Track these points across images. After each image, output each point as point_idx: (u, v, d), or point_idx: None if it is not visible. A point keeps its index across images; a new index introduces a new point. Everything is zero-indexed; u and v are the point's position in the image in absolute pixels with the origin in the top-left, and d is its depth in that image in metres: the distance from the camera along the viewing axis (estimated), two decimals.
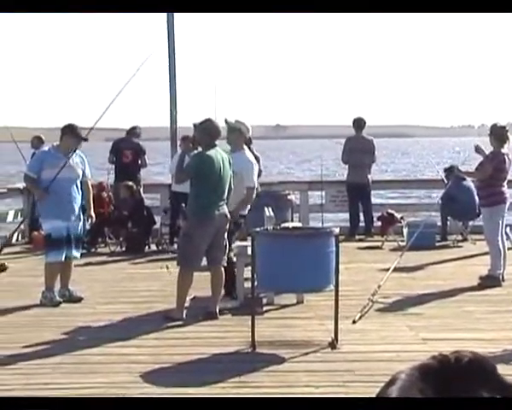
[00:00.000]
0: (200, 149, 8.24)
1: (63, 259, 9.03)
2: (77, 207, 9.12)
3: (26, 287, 9.66)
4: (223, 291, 8.44)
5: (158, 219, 13.54)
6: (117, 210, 13.20)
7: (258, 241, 7.06)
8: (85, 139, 9.27)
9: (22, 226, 14.76)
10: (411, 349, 6.86)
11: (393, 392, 1.77)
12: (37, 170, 9.02)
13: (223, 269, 8.35)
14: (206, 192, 7.96)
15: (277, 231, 7.51)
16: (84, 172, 9.25)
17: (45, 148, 9.19)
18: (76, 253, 9.20)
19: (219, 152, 8.17)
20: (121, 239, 13.08)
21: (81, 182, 9.22)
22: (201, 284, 8.75)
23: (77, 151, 9.23)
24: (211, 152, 8.05)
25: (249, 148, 9.61)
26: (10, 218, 14.16)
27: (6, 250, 12.28)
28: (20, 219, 14.32)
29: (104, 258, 12.38)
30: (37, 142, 14.13)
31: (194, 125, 8.40)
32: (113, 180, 13.57)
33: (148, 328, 7.80)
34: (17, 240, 14.35)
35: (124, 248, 12.87)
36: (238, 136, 8.83)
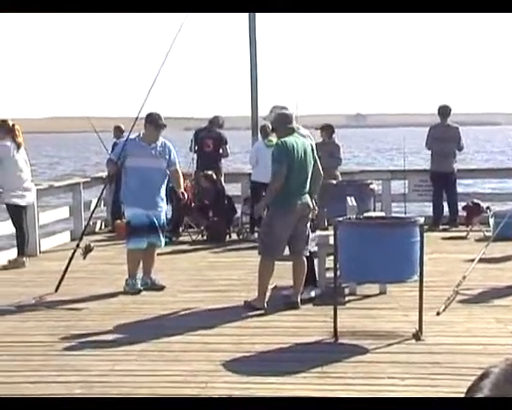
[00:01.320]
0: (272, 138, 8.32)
1: (144, 247, 9.11)
2: (160, 196, 9.15)
3: (110, 275, 9.79)
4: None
5: (239, 208, 13.57)
6: (198, 199, 13.27)
7: (341, 230, 6.97)
8: (163, 126, 9.21)
9: (105, 215, 15.00)
10: (499, 342, 6.67)
11: (486, 386, 1.70)
12: (119, 156, 9.12)
13: (305, 259, 8.27)
14: (287, 181, 7.90)
15: (360, 221, 7.40)
16: (170, 161, 9.23)
17: (132, 136, 9.23)
18: (158, 241, 9.25)
19: (298, 138, 8.09)
20: (202, 228, 13.16)
21: (170, 171, 9.23)
22: (282, 273, 8.71)
23: (162, 140, 9.24)
24: (288, 139, 8.00)
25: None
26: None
27: (90, 238, 12.55)
28: (102, 207, 14.53)
29: (186, 247, 12.48)
30: (117, 131, 14.32)
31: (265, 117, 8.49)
32: (194, 169, 13.64)
33: (229, 317, 7.80)
34: (100, 228, 14.58)
35: (205, 237, 12.94)
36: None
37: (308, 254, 8.37)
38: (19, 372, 6.19)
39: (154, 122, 9.11)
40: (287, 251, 8.25)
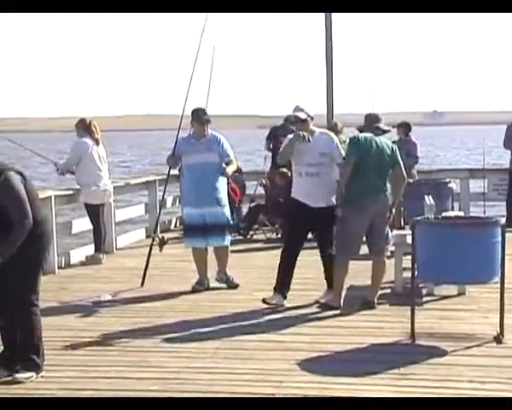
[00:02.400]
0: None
1: (202, 245, 9.08)
2: (216, 191, 8.95)
3: (184, 272, 9.83)
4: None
5: None
6: (273, 197, 13.21)
7: (419, 230, 6.83)
8: (207, 121, 8.99)
9: (179, 213, 15.11)
10: None
11: None
12: (177, 155, 9.11)
13: (385, 259, 8.15)
14: (360, 178, 7.80)
15: (439, 220, 7.24)
16: (223, 153, 8.99)
17: (184, 134, 9.25)
18: (219, 240, 9.07)
19: (379, 138, 7.99)
20: (276, 226, 13.10)
21: (226, 163, 9.00)
22: (355, 273, 8.62)
23: (212, 133, 9.06)
24: (363, 134, 7.93)
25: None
26: (169, 204, 14.50)
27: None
28: (178, 204, 14.63)
29: (260, 245, 12.45)
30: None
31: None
32: (269, 167, 13.59)
33: (304, 316, 7.75)
34: (175, 226, 14.68)
35: (279, 235, 12.88)
36: None
37: (389, 253, 8.25)
38: (95, 367, 6.26)
39: (197, 118, 8.99)
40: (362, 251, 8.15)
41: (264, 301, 8.03)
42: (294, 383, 5.78)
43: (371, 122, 8.10)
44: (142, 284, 9.18)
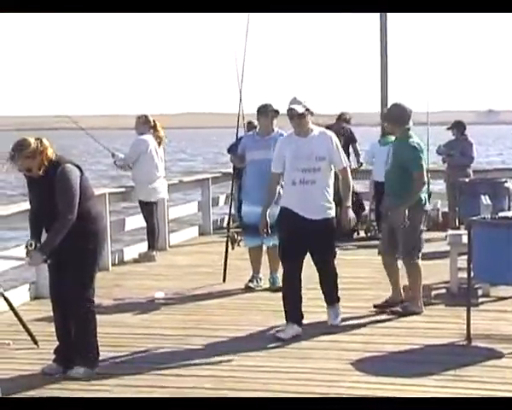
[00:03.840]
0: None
1: (258, 244, 8.97)
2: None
3: (238, 270, 9.80)
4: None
5: (367, 204, 13.38)
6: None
7: (475, 230, 6.72)
8: (272, 114, 8.78)
9: (233, 211, 15.10)
10: None
11: None
12: (240, 152, 9.07)
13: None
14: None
15: (496, 220, 7.11)
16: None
17: (249, 132, 9.21)
18: (269, 240, 8.67)
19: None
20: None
21: None
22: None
23: (278, 131, 8.81)
24: (416, 139, 7.73)
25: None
26: (222, 202, 14.52)
27: (218, 233, 12.71)
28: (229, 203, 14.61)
29: None
30: (250, 127, 14.31)
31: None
32: None
33: (358, 315, 7.68)
34: (228, 224, 14.66)
35: None
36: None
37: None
38: (149, 365, 6.29)
39: (262, 113, 8.85)
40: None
41: (278, 337, 6.95)
42: (347, 382, 5.74)
43: (405, 120, 7.74)
44: (224, 279, 9.21)
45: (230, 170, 10.36)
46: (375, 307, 7.87)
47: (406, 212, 7.51)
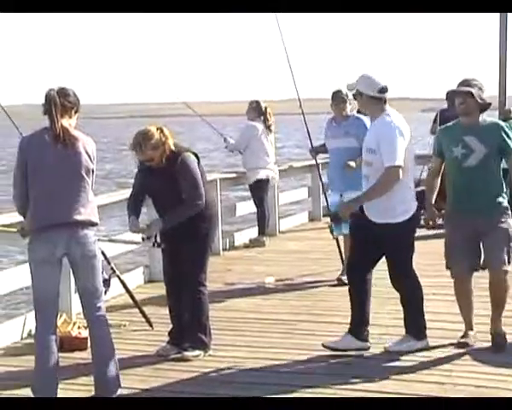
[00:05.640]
0: None
1: (345, 232, 8.11)
2: (352, 179, 7.73)
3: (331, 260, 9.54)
4: None
5: None
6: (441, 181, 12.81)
7: None
8: (343, 102, 8.26)
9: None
10: None
11: None
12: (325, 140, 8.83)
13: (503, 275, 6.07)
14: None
15: None
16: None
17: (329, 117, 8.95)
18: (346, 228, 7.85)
19: None
20: (443, 211, 12.68)
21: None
22: None
23: (354, 116, 8.28)
24: None
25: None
26: (305, 195, 14.24)
27: (311, 225, 12.62)
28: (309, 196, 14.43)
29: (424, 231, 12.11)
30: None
31: None
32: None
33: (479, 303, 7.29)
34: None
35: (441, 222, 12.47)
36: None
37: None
38: (260, 348, 6.30)
39: (333, 98, 8.42)
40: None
41: (325, 346, 6.13)
42: (465, 373, 5.61)
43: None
44: (343, 263, 9.01)
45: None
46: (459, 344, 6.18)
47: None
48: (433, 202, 6.32)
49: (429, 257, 8.62)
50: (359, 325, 6.11)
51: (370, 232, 6.03)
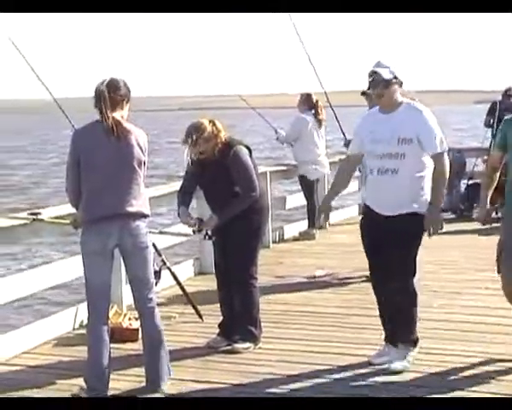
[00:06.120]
0: None
1: None
2: None
3: None
4: None
5: None
6: None
7: None
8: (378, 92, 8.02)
9: None
10: None
11: None
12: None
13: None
14: None
15: None
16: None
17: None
18: None
19: None
20: (496, 205, 12.48)
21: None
22: None
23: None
24: None
25: None
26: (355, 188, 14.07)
27: None
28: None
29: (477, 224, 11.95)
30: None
31: None
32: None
33: None
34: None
35: (499, 214, 12.25)
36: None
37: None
38: (310, 341, 6.28)
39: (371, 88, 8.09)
40: None
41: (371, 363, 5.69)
42: None
43: None
44: None
45: None
46: None
47: None
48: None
49: (482, 251, 8.52)
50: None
51: (381, 231, 5.51)
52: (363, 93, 8.16)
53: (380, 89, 5.50)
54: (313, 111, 11.00)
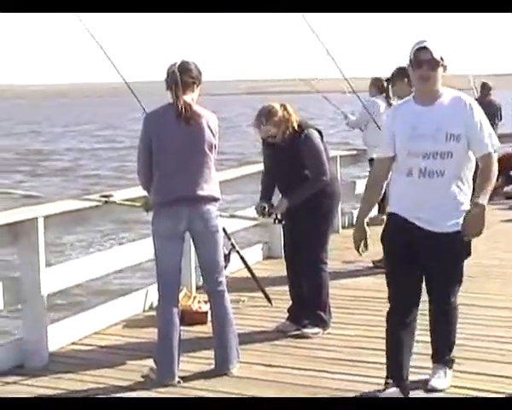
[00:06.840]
0: None
1: None
2: None
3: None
4: None
5: None
6: None
7: None
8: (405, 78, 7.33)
9: None
10: None
11: None
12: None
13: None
14: None
15: None
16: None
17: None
18: None
19: None
20: None
21: None
22: None
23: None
24: None
25: None
26: None
27: None
28: None
29: None
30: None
31: None
32: None
33: None
34: None
35: None
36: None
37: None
38: (376, 327, 6.10)
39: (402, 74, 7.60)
40: None
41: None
42: None
43: None
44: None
45: None
46: None
47: None
48: None
49: None
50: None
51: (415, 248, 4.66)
52: (392, 77, 7.93)
53: (426, 70, 4.46)
54: (384, 94, 10.85)
